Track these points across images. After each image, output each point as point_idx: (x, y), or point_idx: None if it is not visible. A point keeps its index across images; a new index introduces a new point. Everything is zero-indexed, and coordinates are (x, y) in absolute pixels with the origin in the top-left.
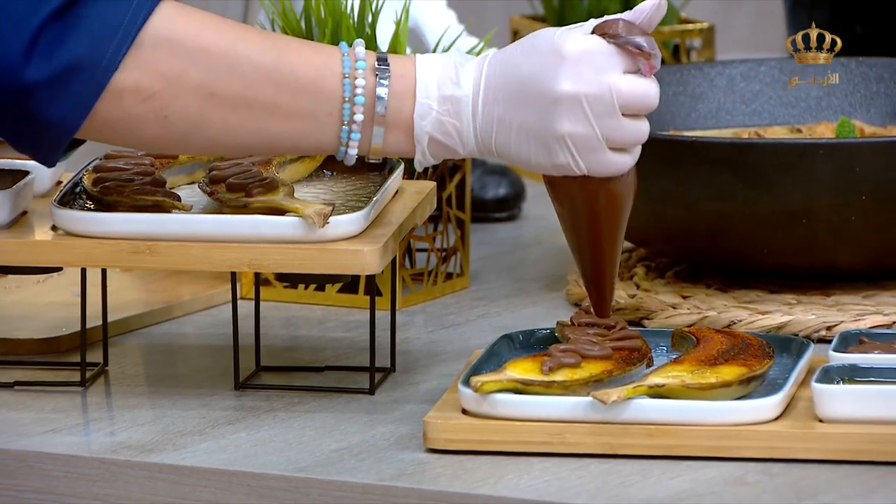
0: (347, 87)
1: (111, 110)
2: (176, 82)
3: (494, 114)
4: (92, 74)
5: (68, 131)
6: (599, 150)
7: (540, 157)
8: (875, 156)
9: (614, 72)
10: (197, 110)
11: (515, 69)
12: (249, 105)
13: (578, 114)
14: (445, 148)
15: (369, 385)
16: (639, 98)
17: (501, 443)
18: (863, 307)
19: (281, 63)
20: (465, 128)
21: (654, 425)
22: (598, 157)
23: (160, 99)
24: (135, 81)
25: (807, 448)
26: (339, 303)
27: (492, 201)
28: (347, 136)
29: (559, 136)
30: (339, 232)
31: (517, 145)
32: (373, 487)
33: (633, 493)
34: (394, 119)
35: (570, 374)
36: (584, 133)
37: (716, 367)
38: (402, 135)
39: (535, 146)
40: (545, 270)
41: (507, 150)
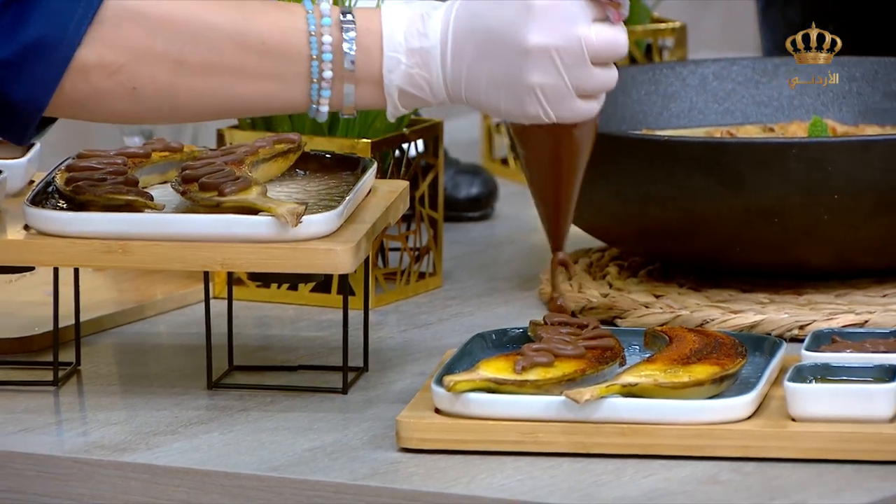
0: (314, 45)
1: (79, 87)
2: (142, 54)
3: (463, 64)
4: (54, 52)
5: (36, 110)
6: (569, 98)
7: (510, 107)
8: (847, 155)
9: (583, 22)
10: (165, 80)
11: (482, 20)
12: (217, 71)
13: (549, 66)
14: (416, 99)
15: (342, 384)
16: (608, 47)
17: (474, 442)
18: (835, 306)
19: (245, 26)
20: (434, 79)
21: (626, 424)
22: (568, 106)
23: (127, 72)
24: (99, 56)
25: (779, 447)
26: (311, 302)
27: (464, 200)
28: (318, 94)
29: (530, 87)
30: (312, 231)
31: (486, 96)
32: (346, 487)
33: (605, 492)
34: (363, 73)
35: (543, 374)
36: (554, 84)
37: (688, 366)
38: (372, 88)
39: (506, 97)
40: (518, 270)
41: (477, 99)
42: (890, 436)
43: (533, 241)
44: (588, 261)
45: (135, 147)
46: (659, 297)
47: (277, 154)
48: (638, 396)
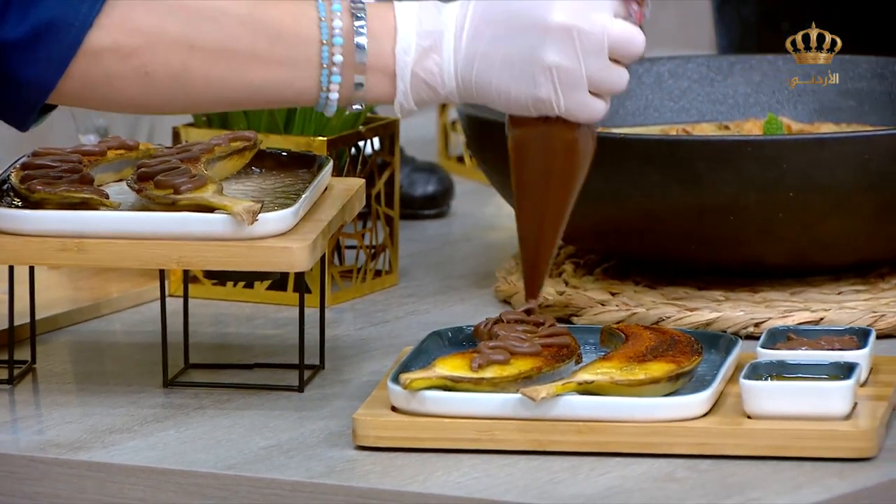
0: (325, 30)
1: (91, 70)
2: (155, 37)
3: (478, 48)
4: (66, 34)
5: (43, 91)
6: (581, 89)
7: (521, 89)
8: (802, 153)
9: (607, 12)
10: (178, 64)
11: (506, 3)
12: (229, 56)
13: (568, 47)
14: (426, 87)
15: (298, 382)
16: (626, 43)
17: (431, 440)
18: (790, 304)
19: (257, 11)
20: (446, 63)
21: (582, 422)
22: (579, 97)
23: (140, 55)
24: (113, 40)
25: (735, 444)
26: (267, 300)
27: (420, 198)
28: (328, 80)
29: (546, 66)
30: (268, 229)
31: (499, 79)
32: (302, 485)
33: (561, 490)
34: (374, 61)
35: (500, 371)
36: (569, 67)
37: (644, 363)
38: (382, 77)
39: (519, 77)
40: (474, 267)
41: (488, 85)
42: (845, 433)
43: (489, 239)
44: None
45: (90, 145)
46: (615, 294)
47: (233, 152)
48: (594, 394)
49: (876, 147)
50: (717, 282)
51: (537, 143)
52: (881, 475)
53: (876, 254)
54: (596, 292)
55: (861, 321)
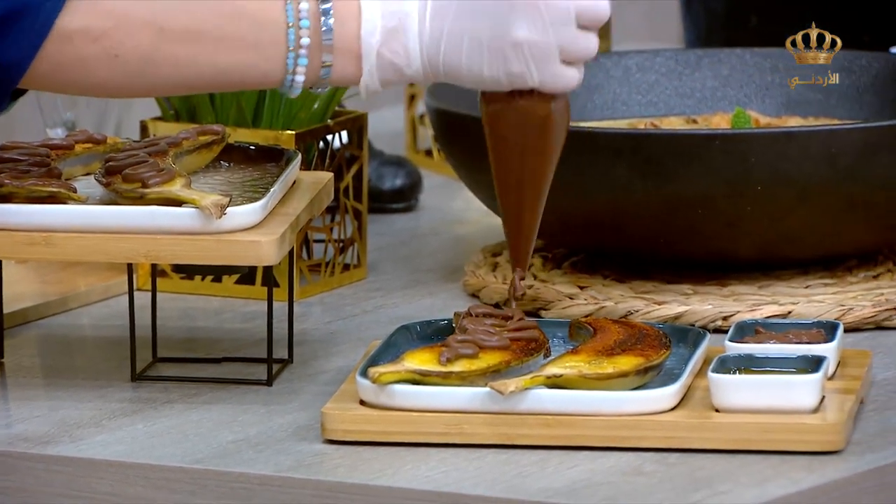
0: (290, 12)
1: (63, 53)
2: (125, 19)
3: (444, 27)
4: (36, 17)
5: (16, 75)
6: (553, 60)
7: (493, 67)
8: (770, 146)
9: None
10: (148, 47)
11: None
12: (197, 38)
13: (536, 20)
14: (393, 67)
15: (267, 376)
16: (592, 9)
17: (399, 434)
18: (758, 297)
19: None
20: (412, 44)
21: (551, 415)
22: (552, 69)
23: (110, 38)
24: (83, 22)
25: (703, 438)
26: (236, 294)
27: (389, 192)
28: (294, 63)
29: (516, 42)
30: (236, 223)
31: (468, 58)
32: (270, 479)
33: (530, 484)
34: (340, 43)
35: (468, 365)
36: (539, 40)
37: (613, 357)
38: (348, 58)
39: (489, 55)
40: (442, 261)
41: (457, 64)
42: (813, 426)
43: (457, 233)
44: None
45: (58, 139)
46: (583, 288)
47: (201, 146)
48: (562, 388)
49: (843, 141)
50: (685, 275)
51: (513, 117)
52: (849, 468)
53: (843, 247)
54: (564, 286)
55: (829, 315)
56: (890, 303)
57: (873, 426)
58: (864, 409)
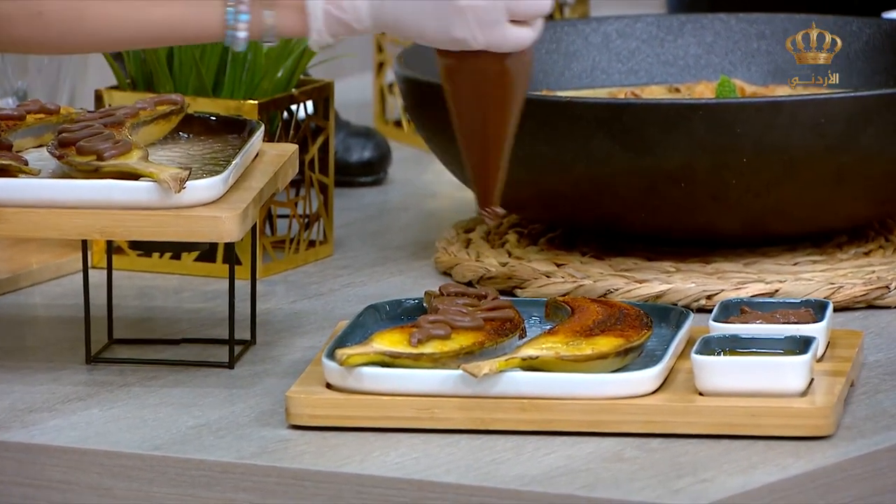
0: None
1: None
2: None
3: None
4: None
5: None
6: (500, 23)
7: (437, 31)
8: (756, 116)
9: None
10: (73, 3)
11: None
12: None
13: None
14: (341, 23)
15: (228, 358)
16: None
17: (368, 418)
18: (744, 275)
19: None
20: (359, 2)
21: (527, 399)
22: (499, 31)
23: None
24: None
25: (686, 422)
26: (195, 272)
27: (356, 165)
28: (234, 18)
29: (459, 8)
30: (196, 197)
31: (414, 21)
32: (232, 466)
33: (505, 470)
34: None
35: (440, 347)
36: (484, 5)
37: (591, 338)
38: (293, 14)
39: (433, 19)
40: (412, 237)
41: (404, 25)
42: (801, 410)
43: (428, 208)
44: (486, 228)
45: (8, 109)
46: (560, 265)
47: (159, 116)
48: (539, 370)
49: (833, 110)
50: (667, 252)
51: (467, 73)
52: (838, 454)
53: (833, 222)
54: (540, 263)
55: (818, 293)
56: (881, 281)
57: (864, 410)
58: (855, 392)
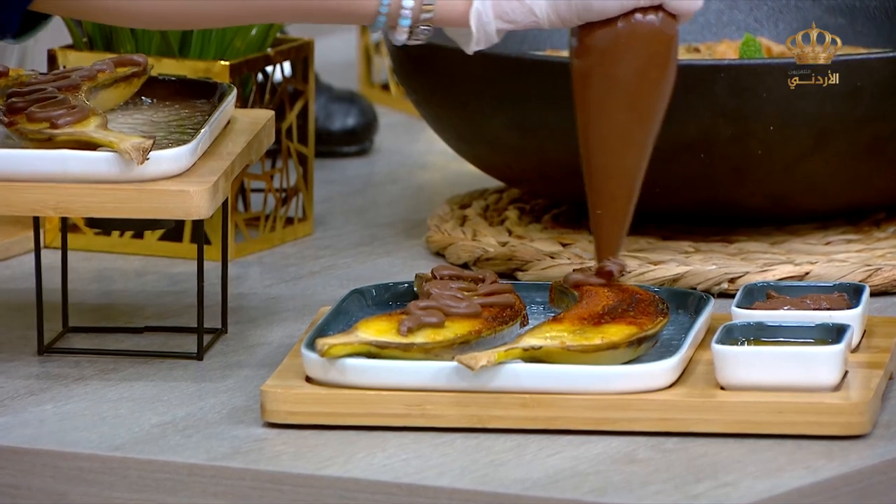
0: None
1: None
2: None
3: None
4: None
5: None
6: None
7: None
8: (784, 79)
9: None
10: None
11: None
12: None
13: None
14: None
15: (197, 349)
16: None
17: (352, 415)
18: (770, 256)
19: None
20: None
21: (529, 394)
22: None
23: None
24: None
25: (706, 420)
26: (160, 252)
27: (339, 133)
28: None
29: None
30: (162, 169)
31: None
32: (201, 468)
33: (504, 473)
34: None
35: (432, 336)
36: None
37: (601, 326)
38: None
39: None
40: (401, 214)
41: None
42: (834, 406)
43: (418, 180)
44: (483, 204)
45: None
46: (566, 245)
47: (120, 79)
48: (542, 362)
49: (870, 73)
50: (685, 230)
51: (633, 45)
52: (875, 455)
53: (869, 197)
54: (544, 243)
55: (853, 276)
56: None
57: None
58: (894, 385)
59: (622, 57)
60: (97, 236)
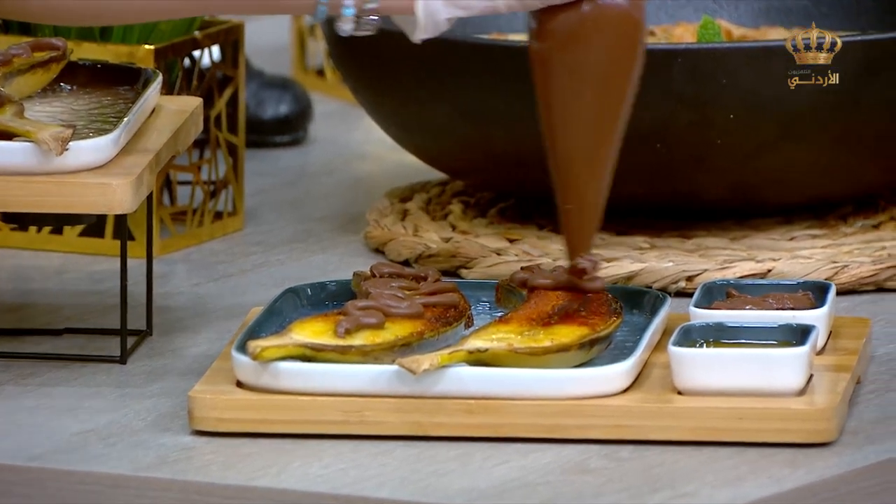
0: None
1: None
2: None
3: None
4: None
5: None
6: None
7: None
8: (745, 65)
9: None
10: None
11: None
12: None
13: None
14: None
15: (120, 352)
16: None
17: (286, 422)
18: (731, 252)
19: None
20: None
21: (474, 400)
22: None
23: None
24: None
25: (662, 427)
26: (81, 249)
27: (271, 122)
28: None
29: None
30: (82, 161)
31: None
32: (125, 479)
33: (448, 483)
34: None
35: (371, 338)
36: None
37: (550, 327)
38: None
39: None
40: (338, 208)
41: None
42: (799, 412)
43: (356, 172)
44: (425, 197)
45: None
46: (514, 241)
47: (37, 64)
48: (488, 365)
49: (837, 57)
50: (640, 225)
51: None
52: (842, 464)
53: (836, 190)
54: (490, 239)
55: (818, 274)
56: (893, 259)
57: (872, 412)
58: (862, 390)
59: (589, 42)
60: (13, 232)
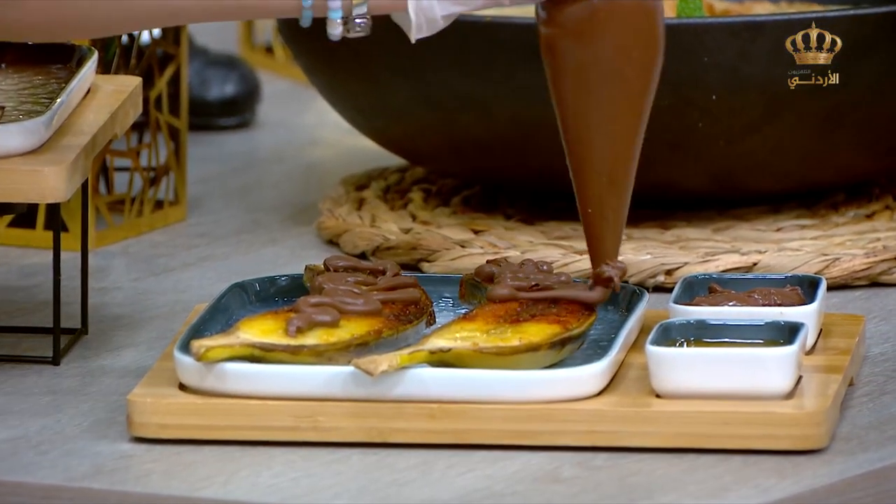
0: None
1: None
2: None
3: None
4: None
5: None
6: None
7: None
8: (729, 42)
9: None
10: None
11: None
12: None
13: None
14: None
15: (53, 352)
16: None
17: (233, 428)
18: (713, 244)
19: None
20: None
21: (437, 403)
22: None
23: None
24: None
25: (640, 433)
26: (9, 241)
27: (216, 103)
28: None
29: None
30: (11, 145)
31: None
32: (58, 490)
33: (408, 494)
34: None
35: (325, 337)
36: None
37: (519, 324)
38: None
39: None
40: (289, 196)
41: None
42: (786, 416)
43: (308, 158)
44: (383, 185)
45: None
46: (479, 232)
47: None
48: (452, 366)
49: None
50: None
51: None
52: (833, 473)
53: (826, 176)
54: (453, 230)
55: (807, 267)
56: (888, 251)
57: (866, 416)
58: (854, 392)
59: (602, 35)
60: None
